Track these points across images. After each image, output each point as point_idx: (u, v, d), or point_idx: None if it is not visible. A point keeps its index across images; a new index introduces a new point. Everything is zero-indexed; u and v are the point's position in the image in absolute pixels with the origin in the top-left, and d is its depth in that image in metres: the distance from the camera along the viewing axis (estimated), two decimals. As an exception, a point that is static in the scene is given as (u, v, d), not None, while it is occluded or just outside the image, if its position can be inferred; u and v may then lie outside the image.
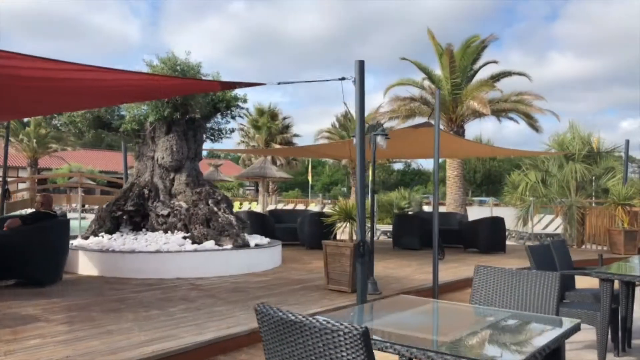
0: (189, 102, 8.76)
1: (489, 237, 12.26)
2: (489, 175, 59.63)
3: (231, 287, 7.12)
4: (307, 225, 12.10)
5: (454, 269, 9.45)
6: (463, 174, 20.23)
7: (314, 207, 30.77)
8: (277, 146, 34.62)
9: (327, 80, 5.94)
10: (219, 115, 9.89)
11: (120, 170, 42.96)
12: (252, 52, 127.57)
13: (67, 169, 42.01)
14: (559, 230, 18.38)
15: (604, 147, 16.05)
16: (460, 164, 19.96)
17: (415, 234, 12.50)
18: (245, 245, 8.68)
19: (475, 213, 20.61)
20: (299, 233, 12.41)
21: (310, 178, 46.86)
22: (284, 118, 37.69)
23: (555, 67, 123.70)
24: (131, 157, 11.37)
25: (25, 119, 48.38)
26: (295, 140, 36.73)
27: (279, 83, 5.87)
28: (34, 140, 40.38)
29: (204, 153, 10.20)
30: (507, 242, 16.05)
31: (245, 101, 9.82)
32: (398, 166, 70.01)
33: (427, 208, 23.64)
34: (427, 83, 20.72)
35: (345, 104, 5.87)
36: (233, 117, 10.00)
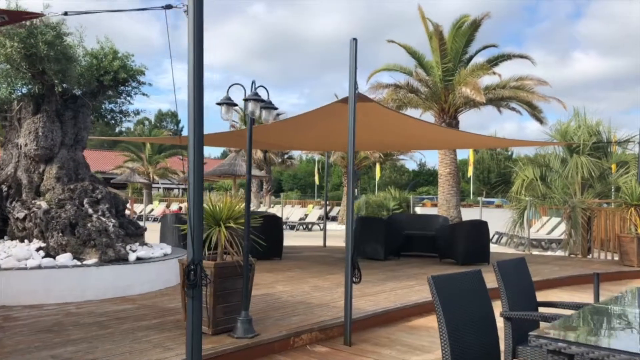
0: (52, 71, 6.68)
1: (468, 245, 9.99)
2: (503, 175, 57.03)
3: (51, 322, 5.00)
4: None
5: (405, 289, 7.21)
6: (457, 170, 17.90)
7: (309, 209, 28.71)
8: (270, 144, 32.56)
9: (146, 9, 3.84)
10: (113, 93, 7.82)
11: (108, 170, 41.30)
12: (272, 55, 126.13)
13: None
14: (565, 236, 16.01)
15: (618, 138, 13.65)
16: (452, 161, 17.63)
17: (380, 241, 10.29)
18: (121, 259, 6.56)
19: (471, 216, 18.32)
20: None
21: (317, 179, 44.85)
22: (278, 114, 35.60)
23: (578, 66, 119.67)
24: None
25: None
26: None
27: (64, 13, 3.79)
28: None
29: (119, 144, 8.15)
30: (505, 250, 13.75)
31: (142, 73, 7.74)
32: (412, 165, 67.58)
33: (420, 211, 21.34)
34: (420, 72, 18.40)
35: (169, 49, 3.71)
36: (129, 95, 7.92)
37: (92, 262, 6.31)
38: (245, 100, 4.53)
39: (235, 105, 4.67)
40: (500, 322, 3.37)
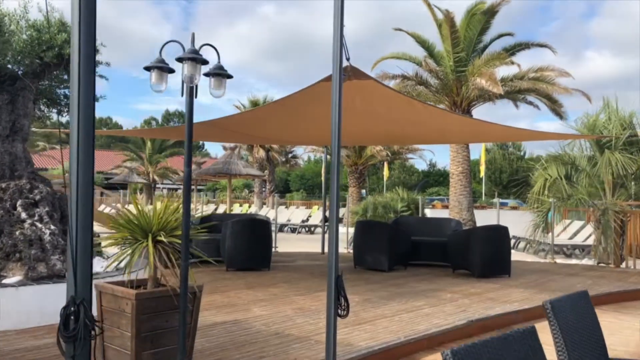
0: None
1: (486, 254, 8.60)
2: (516, 176, 55.44)
3: None
4: (228, 237, 8.63)
5: (411, 312, 5.84)
6: (470, 169, 16.48)
7: (313, 211, 27.34)
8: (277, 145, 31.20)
9: None
10: (60, 73, 6.53)
11: (107, 169, 40.14)
12: (282, 55, 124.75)
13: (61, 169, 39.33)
14: (590, 241, 14.53)
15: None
16: (465, 159, 16.22)
17: (384, 249, 8.92)
18: (56, 276, 5.26)
19: (485, 218, 16.90)
20: (220, 248, 8.95)
21: (323, 179, 43.51)
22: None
23: (591, 65, 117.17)
24: None
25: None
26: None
27: None
28: (20, 139, 37.66)
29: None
30: (524, 257, 12.34)
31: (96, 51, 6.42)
32: (421, 166, 66.09)
33: (430, 213, 19.92)
34: (430, 62, 16.94)
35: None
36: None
37: (13, 281, 5.01)
38: (180, 60, 3.19)
39: (171, 71, 3.35)
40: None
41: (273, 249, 11.91)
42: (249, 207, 30.52)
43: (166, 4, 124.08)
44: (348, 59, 4.14)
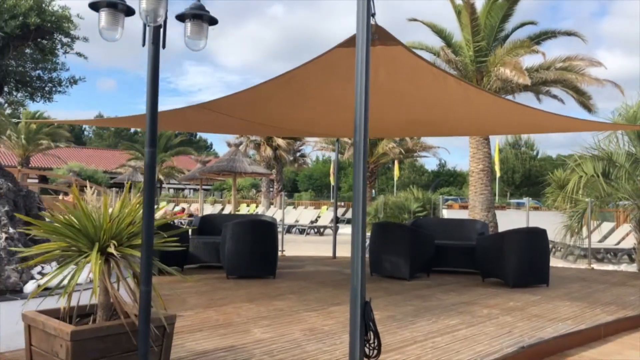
0: None
1: (521, 260, 7.53)
2: (529, 176, 54.30)
3: None
4: (228, 241, 7.62)
5: (446, 334, 4.79)
6: (491, 167, 15.39)
7: (322, 211, 26.29)
8: (281, 141, 30.23)
9: None
10: (25, 48, 5.56)
11: (111, 169, 39.37)
12: (291, 56, 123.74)
13: (67, 168, 38.57)
14: (625, 244, 13.40)
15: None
16: (486, 155, 15.11)
17: (404, 254, 7.87)
18: (10, 291, 4.27)
19: (506, 220, 15.78)
20: (220, 252, 7.94)
21: (332, 179, 42.52)
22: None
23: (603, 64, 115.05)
24: None
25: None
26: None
27: None
28: (22, 137, 37.05)
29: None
30: (553, 262, 11.22)
31: (68, 20, 5.46)
32: (431, 166, 64.95)
33: (447, 214, 18.82)
34: (449, 52, 15.82)
35: None
36: (52, 53, 5.65)
37: (-47, 298, 4.02)
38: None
39: (130, 12, 2.33)
40: None
41: (280, 253, 10.91)
42: (256, 207, 29.56)
43: (175, 4, 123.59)
44: (374, 15, 3.13)
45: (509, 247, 7.60)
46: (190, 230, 9.61)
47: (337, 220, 11.40)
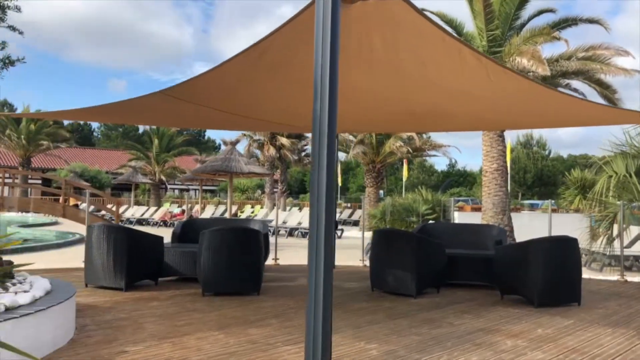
0: None
1: (549, 275, 6.38)
2: (540, 177, 52.96)
3: None
4: (204, 252, 6.53)
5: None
6: (506, 166, 14.21)
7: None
8: (284, 140, 29.14)
9: None
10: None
11: (112, 169, 38.60)
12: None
13: (68, 169, 37.78)
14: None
15: None
16: (501, 153, 13.94)
17: (410, 267, 6.74)
18: None
19: (521, 223, 14.61)
20: (196, 264, 6.84)
21: (339, 180, 41.40)
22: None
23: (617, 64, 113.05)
24: None
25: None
26: (308, 133, 30.98)
27: None
28: (22, 137, 36.33)
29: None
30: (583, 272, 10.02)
31: None
32: (441, 166, 63.66)
33: (458, 217, 17.64)
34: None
35: None
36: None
37: None
38: None
39: None
40: None
41: (273, 262, 9.84)
42: (261, 208, 28.55)
43: (186, 6, 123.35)
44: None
45: (534, 258, 6.44)
46: (172, 237, 8.57)
47: (336, 226, 10.27)
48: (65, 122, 49.57)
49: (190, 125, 18.33)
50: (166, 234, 8.41)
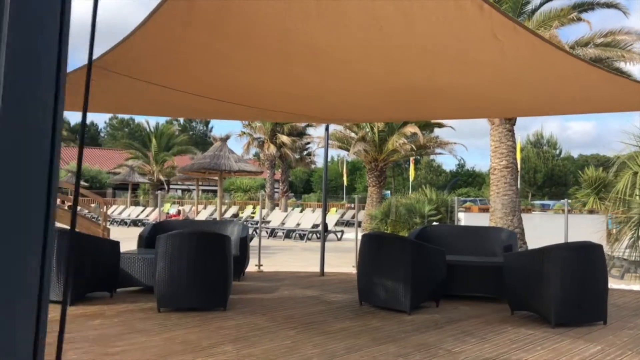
0: None
1: (568, 288, 5.34)
2: (551, 176, 51.70)
3: None
4: (159, 260, 5.54)
5: None
6: (516, 163, 13.14)
7: (332, 212, 24.22)
8: (285, 138, 28.17)
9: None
10: None
11: (109, 168, 37.62)
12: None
13: (67, 169, 37.02)
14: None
15: None
16: (511, 149, 12.87)
17: (404, 278, 5.72)
18: None
19: (532, 225, 13.52)
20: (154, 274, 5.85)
21: (345, 180, 40.39)
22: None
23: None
24: None
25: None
26: (309, 131, 30.04)
27: None
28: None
29: None
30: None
31: None
32: (450, 166, 62.50)
33: (464, 219, 16.55)
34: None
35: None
36: None
37: None
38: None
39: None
40: None
41: (256, 268, 8.86)
42: (263, 208, 27.61)
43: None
44: None
45: (551, 268, 5.39)
46: (139, 241, 7.61)
47: (325, 228, 9.27)
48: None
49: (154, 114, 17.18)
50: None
